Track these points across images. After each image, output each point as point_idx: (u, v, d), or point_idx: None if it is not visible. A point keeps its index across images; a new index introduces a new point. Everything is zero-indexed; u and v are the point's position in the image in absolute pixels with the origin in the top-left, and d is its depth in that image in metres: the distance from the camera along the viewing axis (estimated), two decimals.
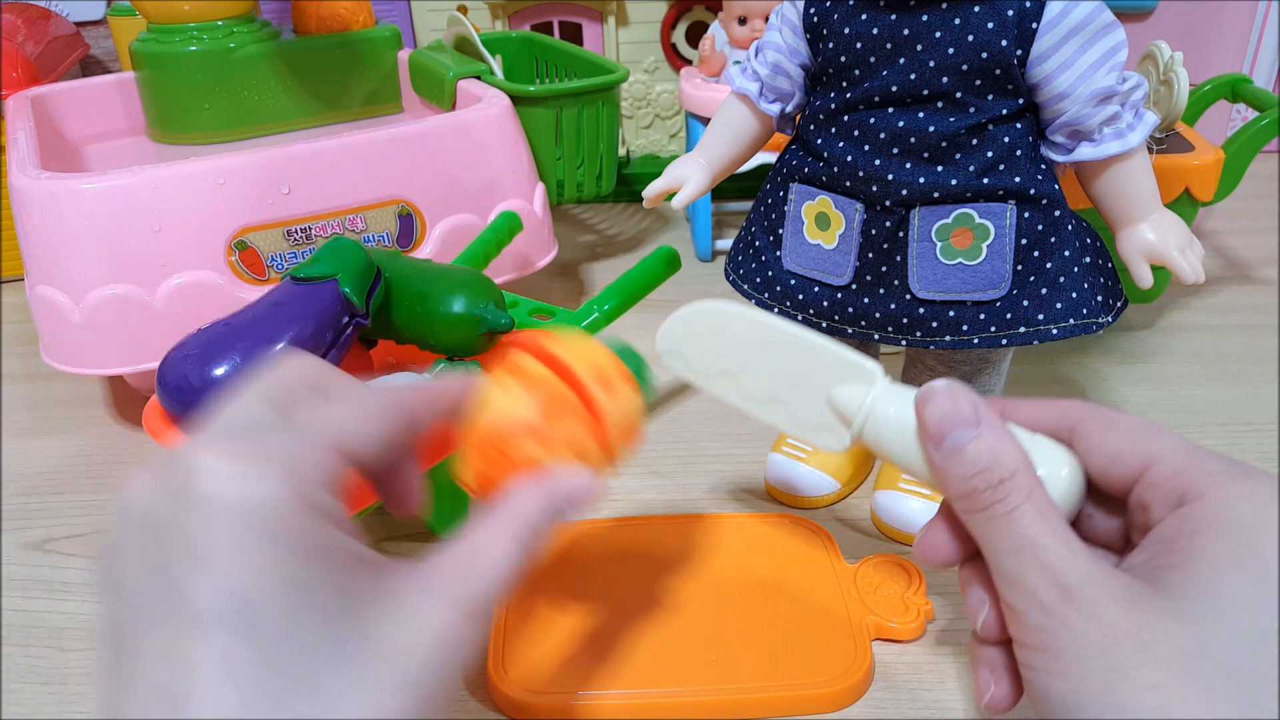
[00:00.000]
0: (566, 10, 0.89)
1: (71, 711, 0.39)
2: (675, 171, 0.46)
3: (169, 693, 0.21)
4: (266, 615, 0.21)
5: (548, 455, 0.30)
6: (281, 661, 0.21)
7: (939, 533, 0.30)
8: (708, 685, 0.37)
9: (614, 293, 0.50)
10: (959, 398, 0.29)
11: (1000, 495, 0.27)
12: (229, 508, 0.22)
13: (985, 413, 0.29)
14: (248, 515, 0.22)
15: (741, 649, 0.38)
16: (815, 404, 0.32)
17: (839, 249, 0.41)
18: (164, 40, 0.70)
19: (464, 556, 0.26)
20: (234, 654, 0.21)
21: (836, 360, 0.31)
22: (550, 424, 0.30)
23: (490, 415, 0.31)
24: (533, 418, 0.30)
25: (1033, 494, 0.27)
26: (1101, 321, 0.40)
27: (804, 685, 0.37)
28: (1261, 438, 0.53)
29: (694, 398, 0.59)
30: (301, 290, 0.39)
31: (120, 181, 0.51)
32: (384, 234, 0.58)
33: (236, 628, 0.21)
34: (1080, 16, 0.36)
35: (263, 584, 0.22)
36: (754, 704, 0.36)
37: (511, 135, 0.62)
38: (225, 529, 0.22)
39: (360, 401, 0.26)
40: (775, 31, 0.43)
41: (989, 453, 0.28)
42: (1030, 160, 0.39)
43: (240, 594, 0.21)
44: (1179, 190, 0.56)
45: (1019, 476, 0.27)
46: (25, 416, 0.60)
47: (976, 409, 0.29)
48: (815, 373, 0.32)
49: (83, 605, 0.44)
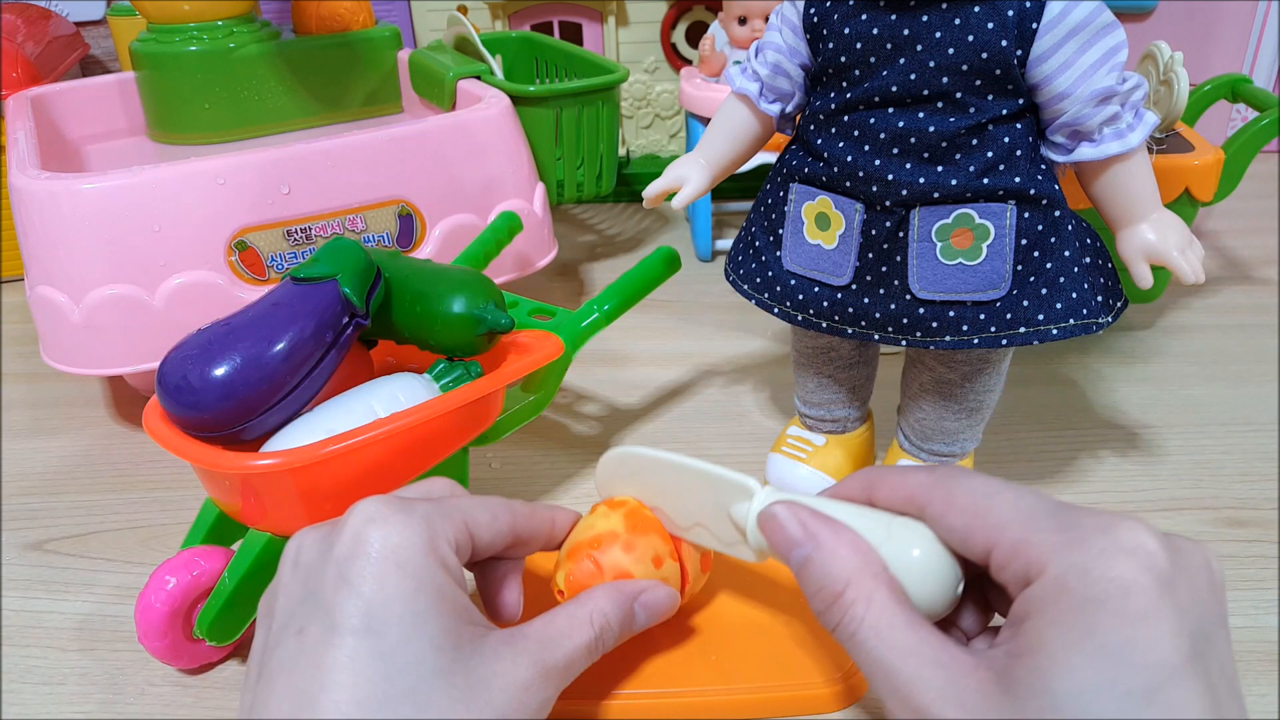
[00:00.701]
0: (566, 10, 0.89)
1: (71, 711, 0.39)
2: (675, 171, 0.46)
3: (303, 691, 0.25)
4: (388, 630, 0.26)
5: (633, 564, 0.35)
6: (394, 672, 0.26)
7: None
8: (708, 685, 0.37)
9: (614, 293, 0.50)
10: (786, 520, 0.30)
11: (841, 612, 0.27)
12: (376, 544, 0.28)
13: (816, 527, 0.29)
14: (389, 552, 0.28)
15: (741, 649, 0.38)
16: (725, 525, 0.34)
17: (839, 249, 0.41)
18: (164, 40, 0.70)
19: (549, 629, 0.31)
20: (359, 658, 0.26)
21: (725, 483, 0.34)
22: (635, 536, 0.36)
23: (583, 527, 0.37)
24: (620, 530, 0.36)
25: (873, 602, 0.27)
26: (1101, 321, 0.40)
27: (804, 685, 0.37)
28: (1261, 438, 0.53)
29: (694, 398, 0.59)
30: (301, 290, 0.39)
31: (120, 181, 0.51)
32: (384, 234, 0.58)
33: (364, 636, 0.26)
34: (1080, 17, 0.36)
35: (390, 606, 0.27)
36: (754, 704, 0.36)
37: (511, 135, 0.62)
38: (370, 560, 0.27)
39: (485, 500, 0.33)
40: (775, 31, 0.43)
41: (820, 570, 0.28)
42: (1030, 160, 0.39)
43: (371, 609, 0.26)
44: (1179, 190, 0.56)
45: (852, 589, 0.27)
46: (25, 416, 0.60)
47: (805, 526, 0.30)
48: (715, 496, 0.34)
49: (83, 605, 0.44)
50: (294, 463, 0.36)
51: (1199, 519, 0.47)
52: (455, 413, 0.41)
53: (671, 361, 0.63)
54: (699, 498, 0.35)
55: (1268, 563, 0.44)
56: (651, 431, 0.56)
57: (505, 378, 0.43)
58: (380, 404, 0.40)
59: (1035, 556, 0.25)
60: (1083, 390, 0.58)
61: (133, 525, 0.50)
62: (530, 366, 0.44)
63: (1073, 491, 0.49)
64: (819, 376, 0.48)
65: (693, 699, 0.36)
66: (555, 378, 0.48)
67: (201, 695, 0.39)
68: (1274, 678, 0.38)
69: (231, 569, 0.38)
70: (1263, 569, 0.43)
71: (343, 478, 0.38)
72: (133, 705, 0.39)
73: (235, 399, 0.36)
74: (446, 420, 0.41)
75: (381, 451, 0.39)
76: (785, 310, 0.44)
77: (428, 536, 0.29)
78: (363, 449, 0.38)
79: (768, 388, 0.60)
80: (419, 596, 0.27)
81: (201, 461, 0.36)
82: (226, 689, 0.39)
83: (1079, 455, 0.52)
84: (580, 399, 0.60)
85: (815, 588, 0.28)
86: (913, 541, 0.29)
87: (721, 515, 0.34)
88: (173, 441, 0.37)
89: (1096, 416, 0.56)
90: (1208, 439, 0.53)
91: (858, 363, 0.48)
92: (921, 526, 0.29)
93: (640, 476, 0.37)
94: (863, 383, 0.49)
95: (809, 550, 0.29)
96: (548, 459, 0.54)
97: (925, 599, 0.28)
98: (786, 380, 0.60)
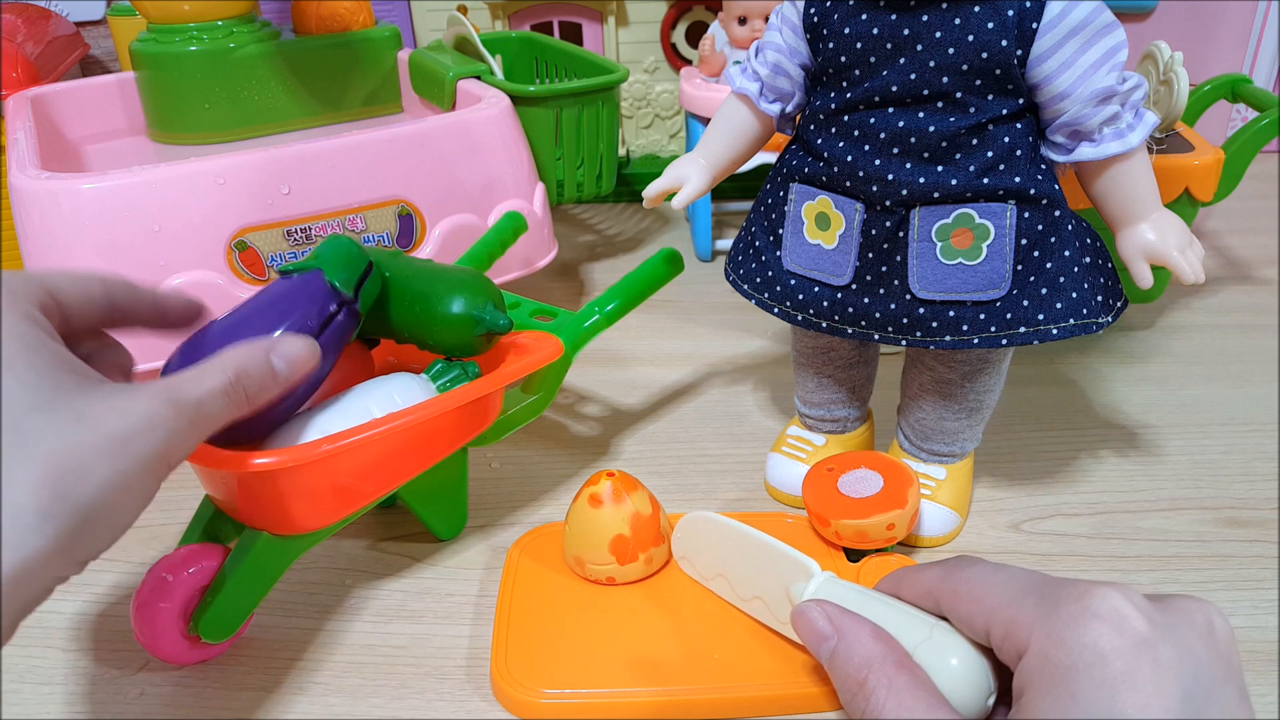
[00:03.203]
0: (566, 10, 0.89)
1: (71, 712, 0.39)
2: (675, 171, 0.46)
3: None
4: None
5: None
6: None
7: None
8: (709, 684, 0.37)
9: (615, 294, 0.50)
10: (814, 614, 0.32)
11: (865, 699, 0.29)
12: None
13: (841, 621, 0.31)
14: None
15: (743, 648, 0.38)
16: (783, 601, 0.36)
17: (839, 249, 0.41)
18: (164, 40, 0.70)
19: (178, 378, 0.30)
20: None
21: (787, 561, 0.36)
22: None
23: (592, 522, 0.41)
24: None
25: (893, 688, 0.28)
26: (1101, 321, 0.40)
27: (805, 684, 0.37)
28: (1261, 438, 0.53)
29: (694, 398, 0.59)
30: (288, 282, 0.39)
31: (120, 181, 0.51)
32: (384, 234, 0.58)
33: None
34: (1080, 16, 0.36)
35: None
36: (755, 703, 0.36)
37: (511, 135, 0.62)
38: None
39: (70, 270, 0.33)
40: (775, 31, 0.43)
41: (843, 660, 0.30)
42: (1030, 160, 0.39)
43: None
44: (1179, 190, 0.56)
45: (874, 675, 0.29)
46: None
47: (831, 620, 0.31)
48: (777, 572, 0.36)
49: (82, 605, 0.44)
50: (290, 461, 0.36)
51: (1198, 519, 0.47)
52: (452, 413, 0.41)
53: (671, 361, 0.63)
54: (762, 572, 0.37)
55: (1268, 563, 0.44)
56: (652, 432, 0.56)
57: (503, 379, 0.43)
58: (376, 404, 0.40)
59: (1022, 632, 0.27)
60: (1083, 390, 0.58)
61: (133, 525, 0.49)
62: (529, 368, 0.44)
63: (1072, 491, 0.49)
64: (819, 376, 0.48)
65: (694, 698, 0.36)
66: (555, 379, 0.48)
67: (202, 695, 0.39)
68: (1274, 678, 0.38)
69: (228, 567, 0.38)
70: (1263, 569, 0.43)
71: (340, 477, 0.38)
72: (133, 705, 0.39)
73: None
74: (443, 420, 0.41)
75: (378, 451, 0.39)
76: (785, 310, 0.44)
77: (11, 301, 0.28)
78: (358, 449, 0.38)
79: (768, 388, 0.60)
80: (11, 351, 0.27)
81: (199, 460, 0.37)
82: (227, 689, 0.39)
83: (1079, 455, 0.52)
84: (581, 399, 0.60)
85: (841, 677, 0.30)
86: (951, 650, 0.30)
87: (780, 593, 0.36)
88: None
89: (1096, 416, 0.56)
90: (1207, 439, 0.53)
91: (858, 363, 0.48)
92: (959, 635, 0.30)
93: (711, 541, 0.40)
94: (863, 383, 0.49)
95: (834, 643, 0.30)
96: (548, 459, 0.54)
97: (956, 705, 0.29)
98: (786, 380, 0.60)
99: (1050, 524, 0.47)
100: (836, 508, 0.42)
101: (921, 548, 0.45)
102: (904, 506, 0.42)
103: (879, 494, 0.43)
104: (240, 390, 0.32)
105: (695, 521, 0.40)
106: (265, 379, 0.33)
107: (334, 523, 0.40)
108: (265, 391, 0.33)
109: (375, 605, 0.43)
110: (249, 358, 0.32)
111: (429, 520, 0.45)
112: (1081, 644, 0.25)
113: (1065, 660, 0.25)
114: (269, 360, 0.33)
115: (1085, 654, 0.25)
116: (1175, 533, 0.46)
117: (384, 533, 0.48)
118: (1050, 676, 0.25)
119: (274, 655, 0.41)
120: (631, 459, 0.53)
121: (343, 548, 0.47)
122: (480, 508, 0.49)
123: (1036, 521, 0.47)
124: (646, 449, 0.54)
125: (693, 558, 0.41)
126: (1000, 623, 0.28)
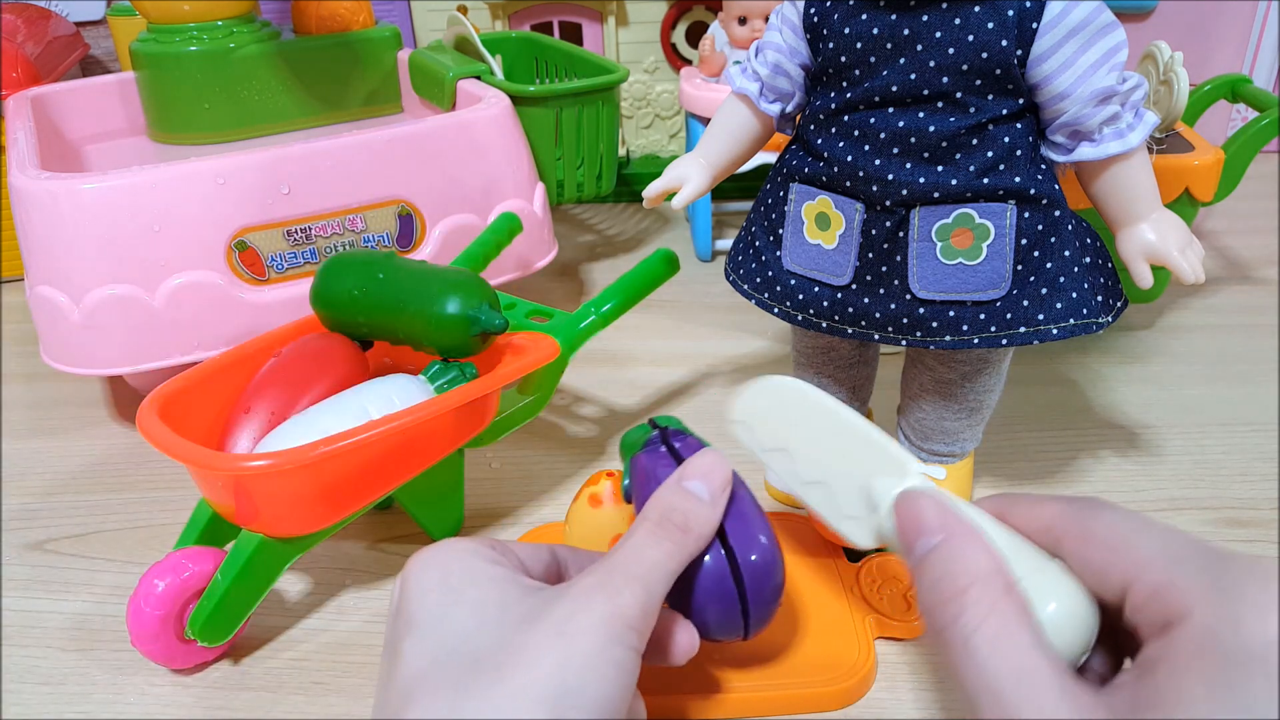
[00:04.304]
0: (566, 10, 0.89)
1: (71, 711, 0.39)
2: (675, 171, 0.46)
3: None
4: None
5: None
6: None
7: None
8: (709, 683, 0.37)
9: (611, 295, 0.50)
10: (925, 504, 0.28)
11: (959, 609, 0.25)
12: (414, 564, 0.30)
13: (954, 521, 0.27)
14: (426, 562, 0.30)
15: (745, 648, 0.38)
16: (853, 494, 0.32)
17: (839, 249, 0.41)
18: (164, 40, 0.70)
19: (616, 556, 0.30)
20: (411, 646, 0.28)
21: (883, 453, 0.31)
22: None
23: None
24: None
25: (995, 611, 0.24)
26: (1101, 321, 0.40)
27: (807, 684, 0.37)
28: (1261, 438, 0.53)
29: (694, 398, 0.59)
30: None
31: (120, 181, 0.51)
32: (384, 234, 0.58)
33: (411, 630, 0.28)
34: (1080, 16, 0.36)
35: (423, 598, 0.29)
36: (756, 702, 0.36)
37: (511, 135, 0.62)
38: (408, 577, 0.30)
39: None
40: (775, 31, 0.43)
41: (946, 560, 0.26)
42: (1030, 160, 0.39)
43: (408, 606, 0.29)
44: (1179, 190, 0.56)
45: (978, 588, 0.25)
46: (25, 417, 0.60)
47: (943, 515, 0.27)
48: (862, 462, 0.32)
49: (83, 605, 0.44)
50: (286, 464, 0.36)
51: (1198, 519, 0.47)
52: (449, 414, 0.41)
53: (671, 361, 0.63)
54: (843, 456, 0.33)
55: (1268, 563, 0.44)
56: None
57: (500, 380, 0.43)
58: (374, 405, 0.40)
59: (1179, 600, 0.23)
60: (1082, 390, 0.58)
61: (133, 525, 0.50)
62: (525, 369, 0.44)
63: (1072, 491, 0.49)
64: (819, 376, 0.48)
65: (692, 698, 0.36)
66: (552, 379, 0.48)
67: (202, 695, 0.39)
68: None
69: (224, 570, 0.38)
70: None
71: (335, 479, 0.38)
72: (133, 705, 0.39)
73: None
74: (440, 422, 0.41)
75: (374, 453, 0.39)
76: (785, 310, 0.44)
77: (463, 544, 0.30)
78: (355, 450, 0.38)
79: None
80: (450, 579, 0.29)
81: (194, 462, 0.37)
82: (227, 689, 0.39)
83: (1079, 455, 0.52)
84: (579, 399, 0.60)
85: (935, 576, 0.26)
86: (1053, 592, 0.26)
87: (854, 484, 0.32)
88: (165, 442, 0.37)
89: (1096, 416, 0.56)
90: (1207, 439, 0.53)
91: (858, 362, 0.48)
92: (1070, 580, 0.27)
93: (790, 411, 0.35)
94: (863, 382, 0.49)
95: (939, 539, 0.27)
96: (547, 459, 0.54)
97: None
98: None
99: None
100: None
101: None
102: None
103: None
104: (671, 527, 0.31)
105: (779, 387, 0.35)
106: (689, 506, 0.32)
107: (331, 525, 0.40)
108: (697, 516, 0.31)
109: (375, 605, 0.43)
110: (662, 498, 0.32)
111: (425, 522, 0.45)
112: (1267, 636, 0.21)
113: (1239, 648, 0.21)
114: (682, 488, 0.32)
115: (1269, 648, 0.21)
116: None
117: (383, 533, 0.48)
118: (1214, 661, 0.22)
119: (274, 655, 0.41)
120: None
121: (342, 548, 0.47)
122: (480, 508, 0.49)
123: None
124: None
125: (755, 424, 0.36)
126: (1148, 583, 0.24)
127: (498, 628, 0.27)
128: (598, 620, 0.27)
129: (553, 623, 0.27)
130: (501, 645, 0.26)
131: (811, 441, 0.34)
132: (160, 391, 0.40)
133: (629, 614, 0.27)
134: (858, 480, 0.32)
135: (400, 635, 0.28)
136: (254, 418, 0.41)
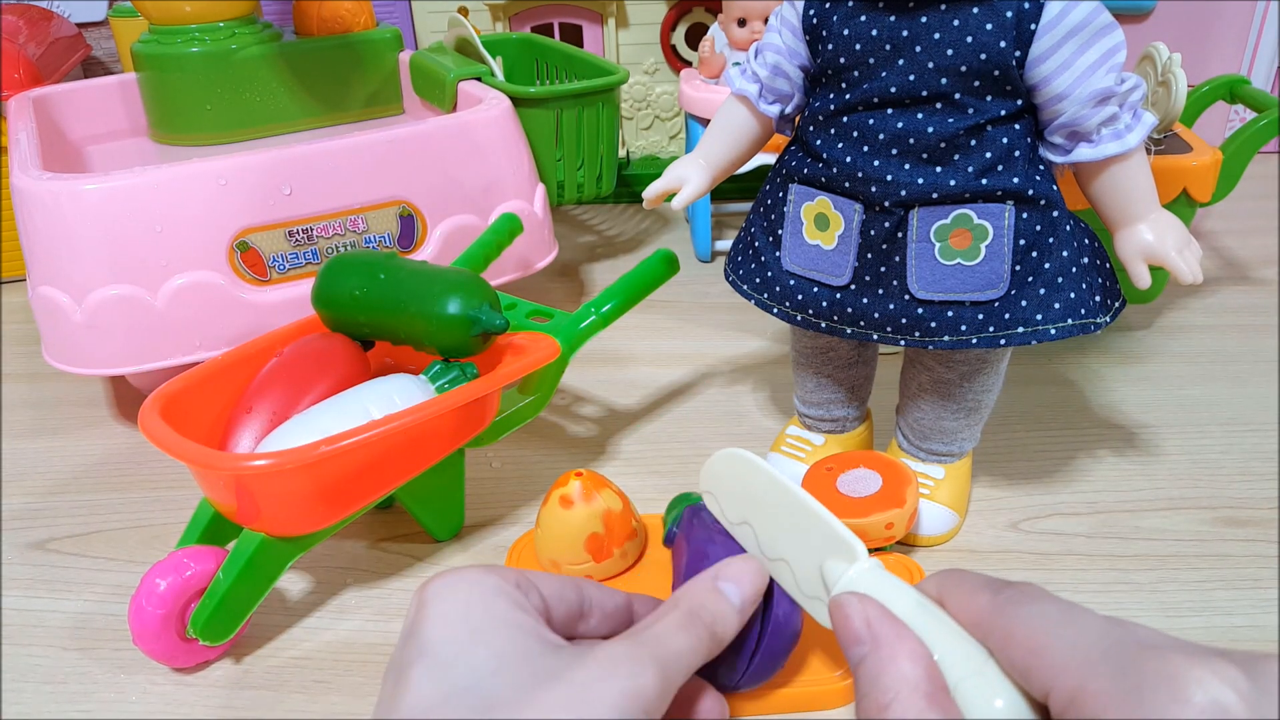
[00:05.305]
0: (566, 12, 0.89)
1: (72, 711, 0.39)
2: (675, 172, 0.47)
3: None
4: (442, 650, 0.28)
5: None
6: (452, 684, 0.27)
7: None
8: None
9: (611, 295, 0.50)
10: (853, 611, 0.28)
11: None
12: (432, 592, 0.29)
13: (881, 629, 0.28)
14: (443, 592, 0.29)
15: None
16: (813, 574, 0.32)
17: (838, 249, 0.42)
18: (166, 41, 0.70)
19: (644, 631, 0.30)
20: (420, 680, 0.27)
21: (830, 535, 0.31)
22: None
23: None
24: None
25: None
26: (1100, 322, 0.40)
27: (806, 683, 0.37)
28: (1260, 438, 0.53)
29: (694, 398, 0.59)
30: None
31: (122, 182, 0.51)
32: (385, 235, 0.58)
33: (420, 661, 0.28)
34: (1079, 18, 0.37)
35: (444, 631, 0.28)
36: (757, 702, 0.37)
37: (512, 136, 0.62)
38: (424, 603, 0.29)
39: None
40: (775, 33, 0.43)
41: (871, 675, 0.27)
42: (1028, 161, 0.39)
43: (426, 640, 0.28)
44: (1177, 191, 0.57)
45: (899, 705, 0.25)
46: (27, 416, 0.60)
47: (870, 625, 0.28)
48: (814, 542, 0.32)
49: (83, 605, 0.44)
50: (288, 463, 0.36)
51: (1197, 518, 0.47)
52: (450, 414, 0.41)
53: (671, 361, 0.64)
54: (798, 537, 0.33)
55: (1266, 562, 0.44)
56: (651, 432, 0.56)
57: (500, 380, 0.43)
58: (375, 405, 0.40)
59: (1093, 706, 0.23)
60: (1081, 390, 0.58)
61: (134, 524, 0.50)
62: (526, 369, 0.44)
63: (1071, 491, 0.49)
64: (818, 376, 0.48)
65: None
66: (552, 379, 0.48)
67: (203, 694, 0.39)
68: None
69: (225, 569, 0.39)
70: (1261, 568, 0.43)
71: (337, 478, 0.38)
72: (134, 704, 0.39)
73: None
74: (441, 421, 0.41)
75: (375, 452, 0.39)
76: (784, 310, 0.44)
77: (488, 579, 0.30)
78: (357, 450, 0.38)
79: (767, 388, 0.60)
80: (470, 619, 0.28)
81: (196, 462, 0.37)
82: (228, 688, 0.39)
83: (1078, 455, 0.52)
84: (580, 399, 0.60)
85: (864, 690, 0.27)
86: (999, 691, 0.26)
87: (812, 566, 0.32)
88: (166, 441, 0.37)
89: (1095, 416, 0.56)
90: (1206, 439, 0.53)
91: (856, 362, 0.48)
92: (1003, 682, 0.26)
93: (748, 486, 0.35)
94: (861, 382, 0.49)
95: (866, 651, 0.27)
96: (548, 459, 0.54)
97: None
98: (786, 380, 0.60)
99: (1048, 523, 0.47)
100: (835, 507, 0.42)
101: (920, 547, 0.46)
102: (902, 506, 0.42)
103: (877, 493, 0.43)
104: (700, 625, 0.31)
105: (736, 460, 0.35)
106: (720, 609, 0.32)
107: (332, 524, 0.40)
108: (724, 622, 0.32)
109: (376, 604, 0.44)
110: (697, 592, 0.32)
111: (426, 521, 0.46)
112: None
113: None
114: (717, 588, 0.32)
115: None
116: (1173, 532, 0.46)
117: (384, 532, 0.48)
118: None
119: (274, 655, 0.41)
120: (631, 459, 0.54)
121: (343, 548, 0.47)
122: (480, 507, 0.49)
123: (1035, 521, 0.47)
124: (646, 449, 0.55)
125: (720, 496, 0.36)
126: (1065, 689, 0.24)
127: (515, 678, 0.27)
128: (617, 694, 0.27)
129: (574, 686, 0.27)
130: (518, 696, 0.26)
131: (770, 518, 0.34)
132: (162, 391, 0.40)
133: (648, 695, 0.28)
134: (815, 560, 0.32)
135: (410, 660, 0.27)
136: (256, 417, 0.41)
